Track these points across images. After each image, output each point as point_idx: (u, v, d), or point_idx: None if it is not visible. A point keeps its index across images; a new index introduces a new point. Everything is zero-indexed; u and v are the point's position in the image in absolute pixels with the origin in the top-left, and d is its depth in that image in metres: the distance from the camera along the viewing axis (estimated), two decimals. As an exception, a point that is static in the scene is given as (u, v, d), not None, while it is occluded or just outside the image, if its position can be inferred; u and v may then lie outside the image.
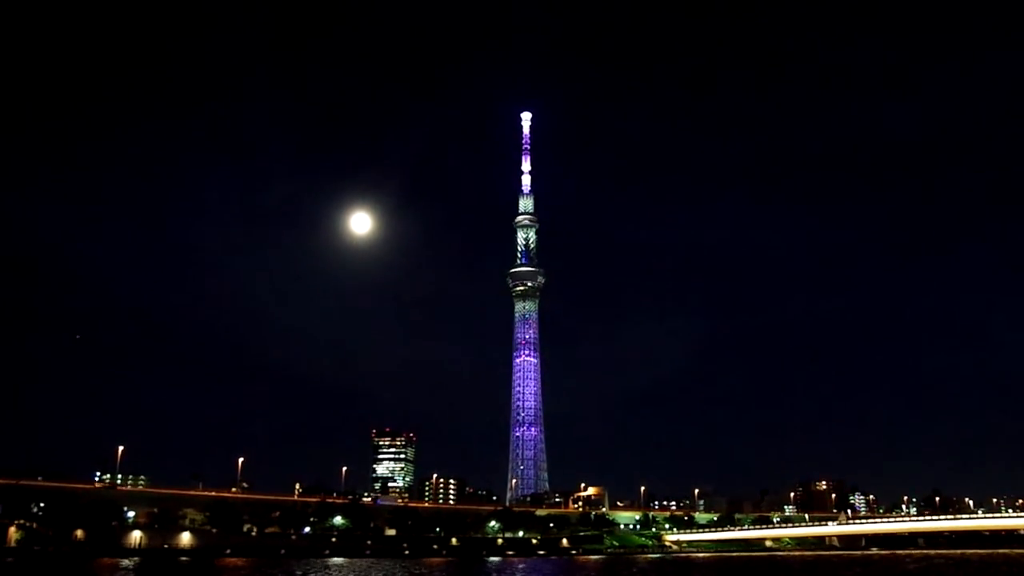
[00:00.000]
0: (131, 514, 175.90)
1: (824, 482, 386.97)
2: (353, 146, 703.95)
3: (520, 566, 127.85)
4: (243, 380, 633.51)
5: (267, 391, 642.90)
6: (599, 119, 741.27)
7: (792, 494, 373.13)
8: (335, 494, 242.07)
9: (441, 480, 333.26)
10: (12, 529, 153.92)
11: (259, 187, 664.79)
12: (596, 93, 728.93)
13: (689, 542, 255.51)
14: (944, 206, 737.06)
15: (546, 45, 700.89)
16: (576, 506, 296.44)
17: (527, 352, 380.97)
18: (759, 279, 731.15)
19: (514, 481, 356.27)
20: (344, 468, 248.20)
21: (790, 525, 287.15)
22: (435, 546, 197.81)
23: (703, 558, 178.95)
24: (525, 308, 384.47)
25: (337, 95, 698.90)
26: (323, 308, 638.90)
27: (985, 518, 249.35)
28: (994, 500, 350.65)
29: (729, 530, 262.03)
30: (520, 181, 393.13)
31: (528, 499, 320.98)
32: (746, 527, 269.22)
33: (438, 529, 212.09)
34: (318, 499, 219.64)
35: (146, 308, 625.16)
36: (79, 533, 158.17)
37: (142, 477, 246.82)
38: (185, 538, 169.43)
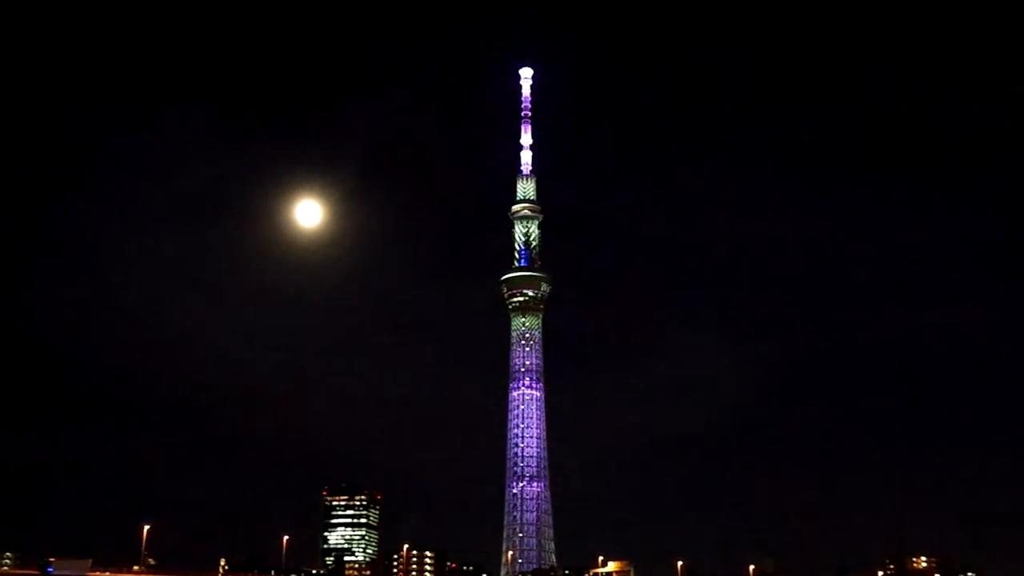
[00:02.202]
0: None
1: (924, 558, 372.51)
2: (299, 114, 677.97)
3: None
4: (150, 423, 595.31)
5: (182, 437, 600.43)
6: (622, 78, 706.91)
7: (880, 573, 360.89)
8: (273, 573, 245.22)
9: (414, 553, 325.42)
10: None
11: (174, 169, 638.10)
12: (619, 44, 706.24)
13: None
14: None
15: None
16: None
17: (528, 383, 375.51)
18: (844, 290, 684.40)
19: (510, 553, 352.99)
20: (286, 537, 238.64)
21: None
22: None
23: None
24: (525, 325, 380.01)
25: (279, 47, 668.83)
26: (258, 327, 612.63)
27: None
28: None
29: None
30: (518, 159, 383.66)
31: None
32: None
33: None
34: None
35: (15, 326, 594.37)
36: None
37: (7, 555, 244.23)
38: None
